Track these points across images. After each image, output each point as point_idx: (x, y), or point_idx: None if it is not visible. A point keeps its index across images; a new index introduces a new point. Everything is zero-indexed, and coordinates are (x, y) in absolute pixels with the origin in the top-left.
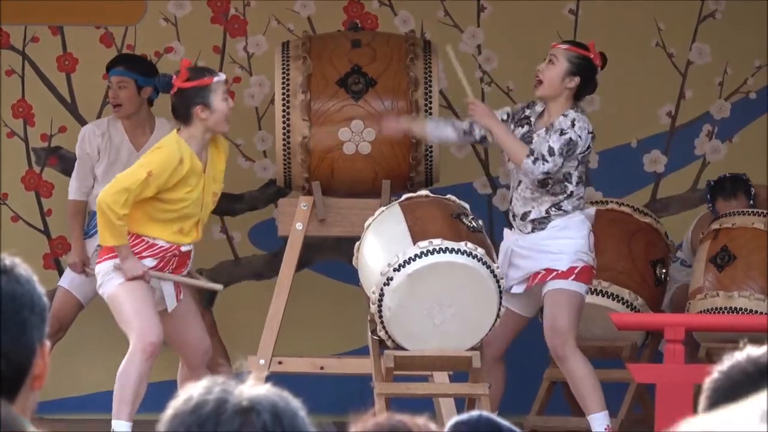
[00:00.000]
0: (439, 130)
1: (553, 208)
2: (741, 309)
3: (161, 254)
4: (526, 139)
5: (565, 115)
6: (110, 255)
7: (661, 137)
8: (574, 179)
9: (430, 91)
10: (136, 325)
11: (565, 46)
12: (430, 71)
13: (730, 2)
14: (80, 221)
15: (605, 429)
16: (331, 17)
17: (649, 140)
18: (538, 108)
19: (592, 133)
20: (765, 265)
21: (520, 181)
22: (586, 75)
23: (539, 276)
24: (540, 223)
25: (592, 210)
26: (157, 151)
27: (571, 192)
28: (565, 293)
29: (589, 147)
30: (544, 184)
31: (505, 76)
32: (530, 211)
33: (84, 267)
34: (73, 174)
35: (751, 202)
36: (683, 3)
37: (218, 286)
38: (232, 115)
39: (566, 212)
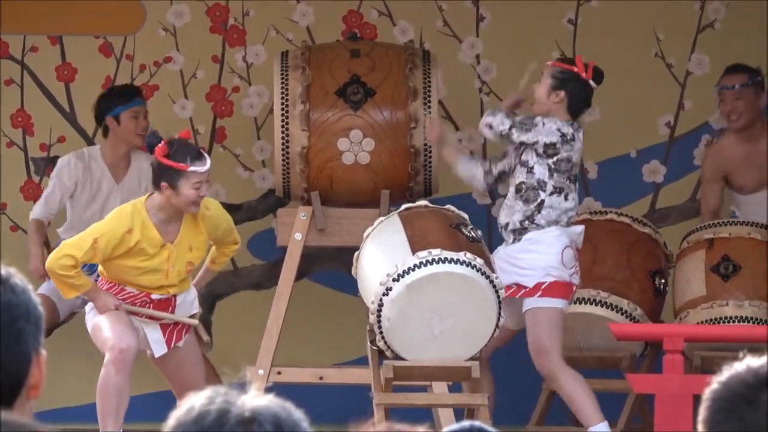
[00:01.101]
0: (468, 169)
1: (526, 221)
2: (751, 318)
3: (130, 300)
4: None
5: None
6: None
7: (660, 147)
8: (548, 188)
9: (429, 101)
10: (107, 337)
11: (550, 63)
12: (429, 81)
13: (729, 12)
14: (42, 236)
15: None
16: (330, 27)
17: (648, 150)
18: None
19: (565, 136)
20: None
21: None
22: (571, 88)
23: (510, 290)
24: (519, 234)
25: (578, 228)
26: (108, 218)
27: (542, 201)
28: (540, 312)
29: (556, 146)
30: (518, 189)
31: (505, 87)
32: (509, 222)
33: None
34: (42, 198)
35: (749, 82)
36: (682, 13)
37: (194, 322)
38: (231, 124)
39: (540, 226)
